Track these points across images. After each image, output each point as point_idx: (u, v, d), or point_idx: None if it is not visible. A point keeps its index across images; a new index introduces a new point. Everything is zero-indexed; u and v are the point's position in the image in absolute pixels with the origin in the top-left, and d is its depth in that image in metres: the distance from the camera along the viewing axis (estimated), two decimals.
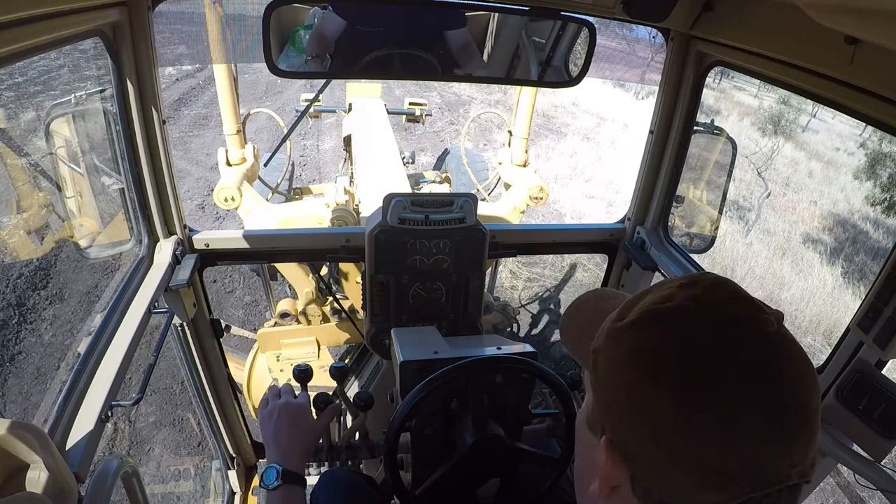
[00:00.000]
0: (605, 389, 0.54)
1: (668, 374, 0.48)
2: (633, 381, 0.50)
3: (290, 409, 1.15)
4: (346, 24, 1.40)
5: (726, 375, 0.47)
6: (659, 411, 0.48)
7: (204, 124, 10.83)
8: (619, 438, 0.52)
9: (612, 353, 0.54)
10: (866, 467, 1.10)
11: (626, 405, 0.51)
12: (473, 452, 1.12)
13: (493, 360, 1.17)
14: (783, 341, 0.49)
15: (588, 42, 1.44)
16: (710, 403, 0.46)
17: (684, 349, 0.49)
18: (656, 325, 0.51)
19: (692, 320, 0.50)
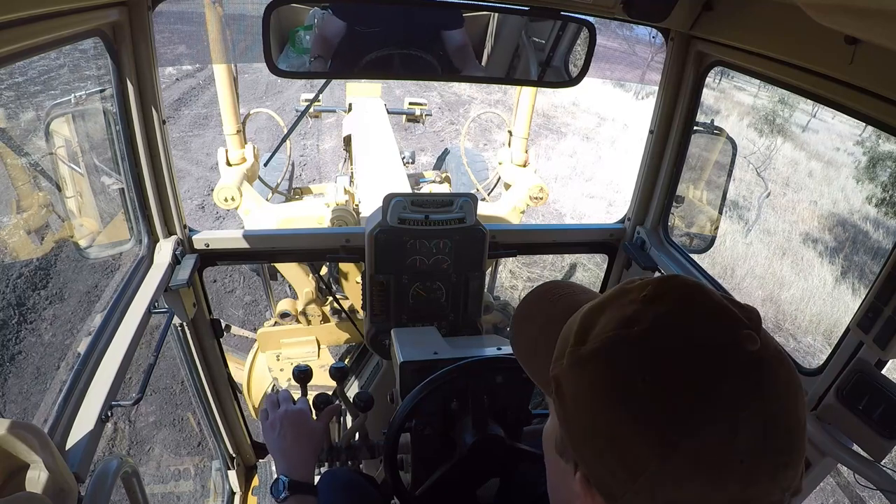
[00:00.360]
0: (575, 425, 0.49)
1: (646, 417, 0.44)
2: (606, 420, 0.46)
3: (290, 418, 1.14)
4: (347, 25, 1.40)
5: (710, 412, 0.43)
6: (637, 456, 0.44)
7: (204, 124, 10.83)
8: (595, 477, 0.48)
9: (577, 383, 0.49)
10: (866, 467, 1.10)
11: (599, 445, 0.47)
12: (473, 453, 1.12)
13: (493, 360, 1.17)
14: (766, 355, 0.45)
15: (588, 42, 1.44)
16: (695, 448, 0.43)
17: (661, 386, 0.44)
18: (625, 357, 0.46)
19: (666, 351, 0.45)
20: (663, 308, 0.47)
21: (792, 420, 0.45)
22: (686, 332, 0.46)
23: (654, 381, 0.44)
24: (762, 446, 0.43)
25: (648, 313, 0.47)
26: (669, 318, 0.47)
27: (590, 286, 0.77)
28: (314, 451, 1.14)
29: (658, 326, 0.46)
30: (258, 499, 2.33)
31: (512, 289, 5.99)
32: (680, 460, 0.43)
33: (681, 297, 0.48)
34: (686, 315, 0.47)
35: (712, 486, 0.43)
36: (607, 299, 0.52)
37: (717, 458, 0.43)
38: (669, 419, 0.43)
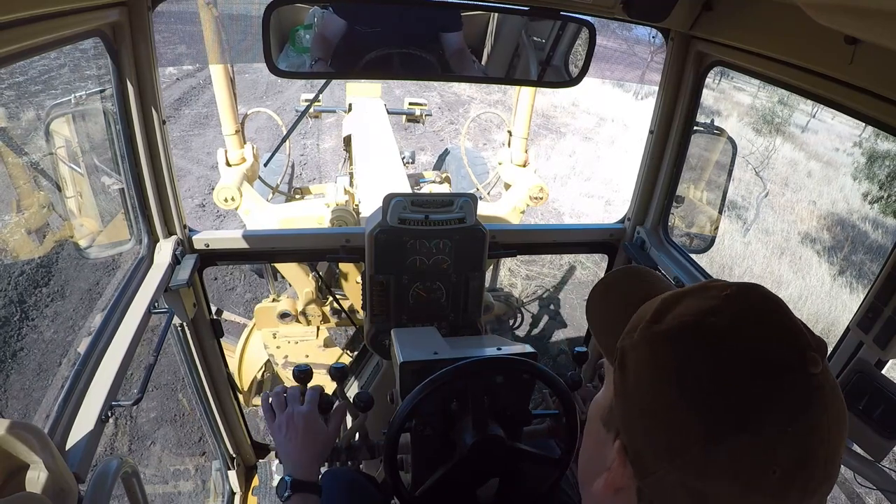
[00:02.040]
0: (632, 396, 0.51)
1: (702, 406, 0.45)
2: (663, 398, 0.48)
3: (296, 420, 1.13)
4: (346, 25, 1.40)
5: (762, 418, 0.44)
6: (683, 440, 0.46)
7: (204, 123, 10.83)
8: (634, 449, 0.50)
9: (645, 359, 0.51)
10: (866, 467, 1.10)
11: (649, 421, 0.49)
12: (473, 453, 1.12)
13: (493, 360, 1.17)
14: (824, 384, 0.46)
15: (588, 42, 1.44)
16: (736, 446, 0.44)
17: (722, 379, 0.45)
18: (699, 345, 0.48)
19: (735, 348, 0.47)
20: (743, 308, 0.49)
21: (831, 451, 0.45)
22: (758, 336, 0.47)
23: (717, 374, 0.46)
24: (799, 467, 0.44)
25: (727, 310, 0.49)
26: (746, 320, 0.48)
27: (589, 285, 0.78)
28: (320, 452, 1.14)
29: (734, 324, 0.48)
30: (258, 499, 2.32)
31: (511, 286, 5.99)
32: (720, 454, 0.44)
33: (761, 305, 0.49)
34: (762, 322, 0.48)
35: (740, 490, 0.44)
36: (689, 289, 0.54)
37: (754, 464, 0.44)
38: (722, 413, 0.44)
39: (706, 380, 0.46)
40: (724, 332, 0.48)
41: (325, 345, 2.89)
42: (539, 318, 5.59)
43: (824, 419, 0.45)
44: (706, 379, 0.46)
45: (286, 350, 2.86)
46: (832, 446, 0.46)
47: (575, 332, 5.33)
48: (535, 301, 5.86)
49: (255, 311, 2.80)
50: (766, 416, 0.44)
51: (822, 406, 0.45)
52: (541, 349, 5.02)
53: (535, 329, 5.42)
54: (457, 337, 1.79)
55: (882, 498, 1.08)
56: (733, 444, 0.44)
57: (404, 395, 1.20)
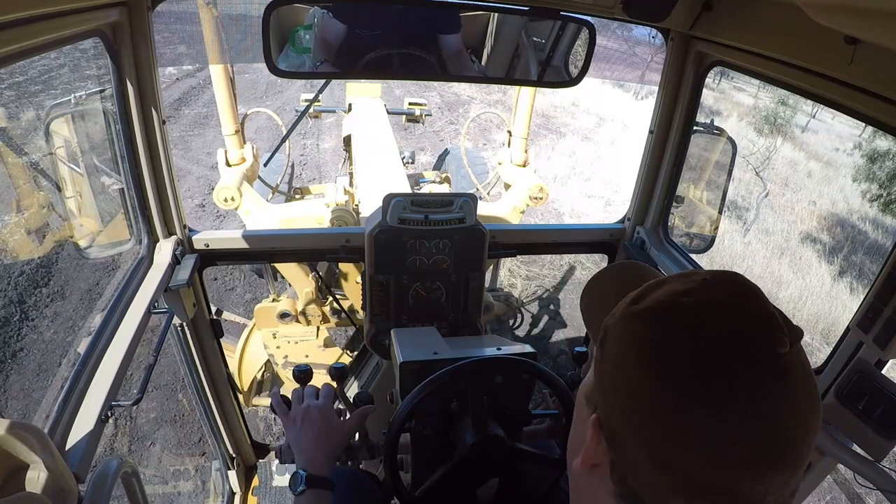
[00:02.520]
0: (607, 370, 0.53)
1: (671, 379, 0.47)
2: (635, 373, 0.50)
3: (312, 414, 1.13)
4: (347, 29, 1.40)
5: (729, 395, 0.45)
6: (652, 410, 0.48)
7: (205, 123, 10.83)
8: (607, 421, 0.52)
9: (621, 335, 0.53)
10: (866, 467, 1.10)
11: (622, 392, 0.51)
12: (473, 453, 1.12)
13: (493, 360, 1.17)
14: (795, 366, 0.47)
15: (588, 42, 1.44)
16: (700, 417, 0.45)
17: (694, 357, 0.47)
18: (668, 320, 0.50)
19: (705, 327, 0.48)
20: (717, 293, 0.51)
21: (800, 432, 0.47)
22: (730, 317, 0.49)
23: (687, 350, 0.48)
24: (762, 444, 0.45)
25: (702, 293, 0.51)
26: (719, 302, 0.50)
27: None
28: (334, 449, 1.13)
29: (706, 305, 0.50)
30: (258, 499, 2.33)
31: (511, 287, 5.99)
32: (688, 427, 0.46)
33: (735, 290, 0.51)
34: (734, 305, 0.50)
35: (708, 462, 0.45)
36: (672, 276, 0.57)
37: (721, 438, 0.45)
38: (690, 387, 0.46)
39: (676, 355, 0.48)
40: (696, 311, 0.50)
41: (324, 345, 2.89)
42: (539, 318, 5.59)
43: (792, 399, 0.46)
44: (676, 355, 0.48)
45: (286, 350, 2.86)
46: (802, 427, 0.47)
47: (575, 332, 5.33)
48: (535, 301, 5.86)
49: (255, 311, 2.80)
50: (733, 391, 0.45)
51: (791, 387, 0.46)
52: (541, 349, 5.02)
53: (535, 329, 5.42)
54: (457, 337, 1.79)
55: (882, 498, 1.08)
56: (700, 417, 0.45)
57: (404, 395, 1.20)
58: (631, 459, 0.50)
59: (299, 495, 1.03)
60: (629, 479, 0.50)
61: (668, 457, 0.46)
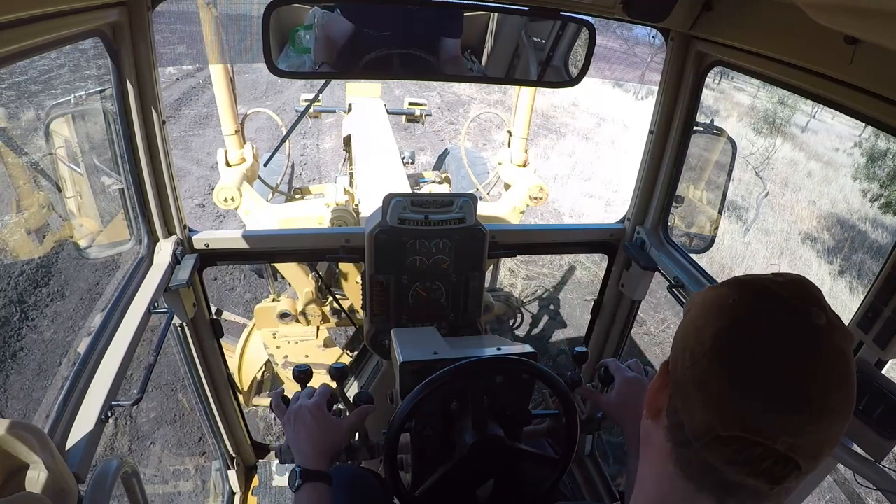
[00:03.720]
0: (684, 323, 0.62)
1: (726, 319, 0.57)
2: (699, 322, 0.59)
3: (303, 413, 1.14)
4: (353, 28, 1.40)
5: (769, 340, 0.54)
6: (703, 341, 0.57)
7: (205, 123, 10.83)
8: (672, 359, 0.61)
9: (699, 300, 0.62)
10: (866, 467, 1.10)
11: (686, 332, 0.60)
12: (473, 453, 1.12)
13: (493, 360, 1.17)
14: (833, 337, 0.54)
15: (588, 42, 1.44)
16: (741, 365, 0.54)
17: (747, 309, 0.56)
18: (734, 285, 0.60)
19: (775, 303, 0.56)
20: (791, 284, 0.58)
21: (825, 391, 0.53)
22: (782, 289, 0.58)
23: (744, 302, 0.58)
24: (793, 385, 0.52)
25: (778, 279, 0.59)
26: (791, 294, 0.57)
27: (588, 284, 0.80)
28: (329, 446, 1.14)
29: (781, 286, 0.58)
30: (258, 499, 2.33)
31: (511, 287, 5.98)
32: (726, 369, 0.54)
33: (807, 287, 0.59)
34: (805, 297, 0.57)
35: (741, 399, 0.53)
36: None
37: (752, 366, 0.53)
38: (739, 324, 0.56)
39: (732, 305, 0.58)
40: (769, 287, 0.58)
41: (325, 345, 2.89)
42: (539, 318, 5.59)
43: (827, 363, 0.53)
44: (733, 305, 0.58)
45: (286, 350, 2.86)
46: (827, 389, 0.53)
47: (575, 332, 5.33)
48: (535, 301, 5.86)
49: (255, 311, 2.80)
50: (770, 337, 0.54)
51: (826, 351, 0.53)
52: (541, 349, 5.01)
53: (535, 329, 5.41)
54: (457, 337, 1.79)
55: (882, 498, 1.08)
56: (737, 363, 0.54)
57: (404, 395, 1.20)
58: (681, 392, 0.58)
59: (297, 491, 1.05)
60: (679, 412, 0.58)
61: (709, 391, 0.55)
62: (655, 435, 0.63)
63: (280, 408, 1.19)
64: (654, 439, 0.63)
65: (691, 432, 0.57)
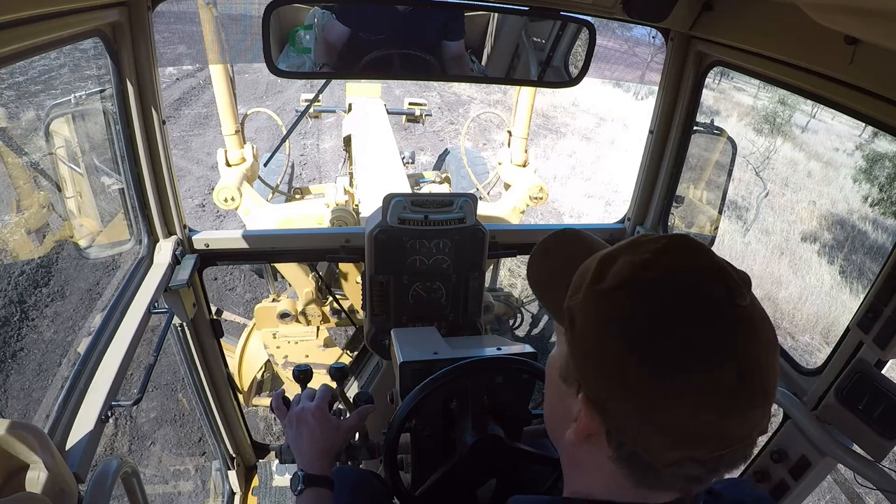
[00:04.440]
0: (583, 349, 0.56)
1: (647, 350, 0.51)
2: (611, 349, 0.53)
3: (305, 416, 1.14)
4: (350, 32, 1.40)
5: (699, 353, 0.50)
6: (633, 379, 0.51)
7: (205, 123, 10.83)
8: (595, 396, 0.55)
9: (591, 315, 0.56)
10: (866, 467, 1.10)
11: (604, 369, 0.54)
12: (473, 453, 1.12)
13: (493, 360, 1.17)
14: (753, 313, 0.52)
15: (588, 42, 1.44)
16: (687, 380, 0.50)
17: (661, 325, 0.51)
18: (635, 296, 0.53)
19: (670, 295, 0.52)
20: (673, 260, 0.55)
21: (767, 370, 0.52)
22: (690, 281, 0.53)
23: (656, 319, 0.52)
24: (739, 388, 0.50)
25: (660, 263, 0.54)
26: (676, 268, 0.54)
27: None
28: (331, 448, 1.13)
29: (666, 274, 0.54)
30: (258, 499, 2.33)
31: (511, 287, 5.98)
32: (670, 389, 0.50)
33: (688, 252, 0.56)
34: (691, 269, 0.54)
35: (694, 415, 0.50)
36: (622, 248, 0.59)
37: (700, 391, 0.50)
38: (666, 355, 0.50)
39: (647, 326, 0.52)
40: (659, 283, 0.53)
41: (325, 345, 2.89)
42: (539, 318, 5.59)
43: (758, 344, 0.51)
44: (647, 325, 0.52)
45: (286, 350, 2.86)
46: (769, 363, 0.52)
47: None
48: (535, 301, 5.86)
49: (255, 311, 2.80)
50: (705, 347, 0.50)
51: (753, 332, 0.52)
52: (541, 349, 5.00)
53: (535, 329, 5.41)
54: (457, 337, 1.79)
55: (882, 498, 1.08)
56: (679, 377, 0.50)
57: (404, 395, 1.20)
58: (623, 426, 0.53)
59: (299, 495, 1.04)
60: (626, 443, 0.54)
61: (657, 418, 0.51)
62: (593, 458, 0.59)
63: (281, 409, 1.19)
64: (593, 462, 0.59)
65: (654, 461, 0.53)
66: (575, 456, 0.63)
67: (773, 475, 1.34)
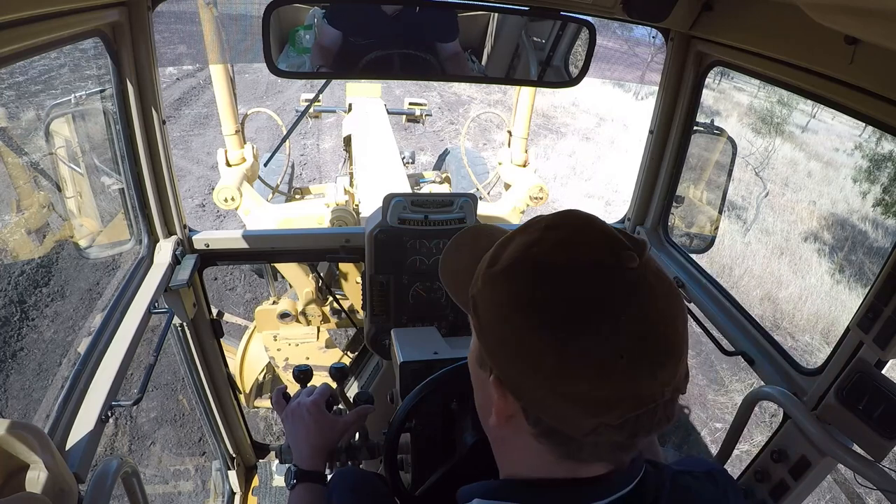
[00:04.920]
0: (488, 333, 0.57)
1: (543, 322, 0.52)
2: (511, 327, 0.54)
3: (301, 411, 1.14)
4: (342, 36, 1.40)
5: (597, 319, 0.51)
6: (537, 354, 0.52)
7: (205, 123, 10.83)
8: (505, 376, 0.56)
9: (489, 298, 0.57)
10: (866, 467, 1.10)
11: (508, 348, 0.55)
12: (473, 453, 1.12)
13: None
14: (646, 275, 0.53)
15: (588, 42, 1.44)
16: (582, 345, 0.50)
17: (554, 296, 0.52)
18: (527, 273, 0.54)
19: (559, 267, 0.53)
20: (560, 234, 0.56)
21: (668, 327, 0.52)
22: (577, 252, 0.54)
23: (549, 292, 0.52)
24: (640, 347, 0.51)
25: (548, 238, 0.56)
26: (564, 242, 0.55)
27: None
28: (325, 444, 1.13)
29: (554, 248, 0.55)
30: (258, 499, 2.33)
31: None
32: (571, 357, 0.51)
33: (575, 225, 0.56)
34: (579, 239, 0.55)
35: (600, 380, 0.51)
36: (516, 231, 0.60)
37: (601, 356, 0.50)
38: (561, 323, 0.51)
39: (542, 300, 0.52)
40: (547, 256, 0.54)
41: (325, 346, 2.89)
42: None
43: (653, 301, 0.52)
44: (541, 300, 0.52)
45: (287, 352, 2.86)
46: (669, 320, 0.52)
47: None
48: None
49: (256, 313, 2.80)
50: (600, 314, 0.51)
51: (647, 291, 0.52)
52: None
53: None
54: (457, 337, 1.79)
55: (882, 498, 1.08)
56: (580, 346, 0.50)
57: (404, 395, 1.20)
58: (538, 402, 0.54)
59: (292, 489, 1.05)
60: (543, 418, 0.55)
61: (567, 389, 0.51)
62: (517, 437, 0.60)
63: (280, 404, 1.20)
64: (518, 441, 0.60)
65: (572, 432, 0.54)
66: (501, 439, 0.64)
67: (773, 475, 1.34)
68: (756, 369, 1.43)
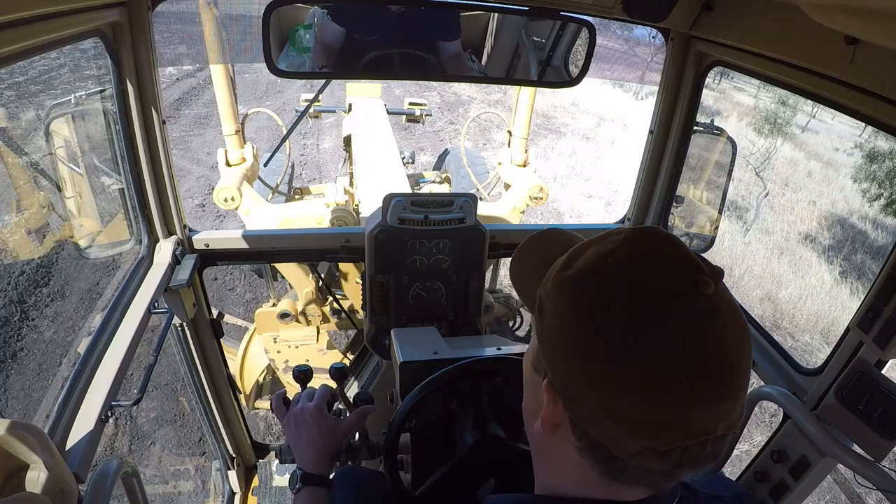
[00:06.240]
0: (549, 336, 0.56)
1: (607, 334, 0.51)
2: (574, 334, 0.53)
3: (304, 416, 1.14)
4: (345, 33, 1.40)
5: (661, 340, 0.49)
6: (595, 365, 0.51)
7: (205, 123, 10.83)
8: (559, 382, 0.55)
9: (555, 302, 0.56)
10: (866, 467, 1.10)
11: (566, 354, 0.54)
12: (473, 453, 1.12)
13: (493, 360, 1.17)
14: (720, 304, 0.51)
15: (588, 42, 1.44)
16: (643, 366, 0.49)
17: (623, 311, 0.51)
18: (597, 282, 0.53)
19: (630, 282, 0.52)
20: (638, 249, 0.54)
21: (732, 362, 0.51)
22: (652, 269, 0.52)
23: (618, 306, 0.51)
24: (701, 377, 0.49)
25: (624, 250, 0.54)
26: (640, 257, 0.54)
27: None
28: (329, 448, 1.13)
29: (629, 262, 0.53)
30: (258, 499, 2.33)
31: (510, 287, 5.98)
32: (629, 374, 0.49)
33: (655, 242, 0.55)
34: (656, 257, 0.53)
35: (653, 403, 0.49)
36: (594, 239, 0.60)
37: (659, 379, 0.49)
38: (623, 340, 0.50)
39: (609, 313, 0.51)
40: (620, 269, 0.53)
41: (325, 348, 2.89)
42: None
43: (721, 332, 0.50)
44: (609, 312, 0.51)
45: (287, 354, 2.86)
46: (734, 354, 0.51)
47: None
48: None
49: (255, 315, 2.80)
50: (667, 336, 0.49)
51: (719, 324, 0.50)
52: None
53: None
54: (457, 337, 1.79)
55: (882, 498, 1.08)
56: (640, 365, 0.49)
57: (404, 395, 1.20)
58: (586, 414, 0.53)
59: (297, 493, 1.05)
60: (589, 432, 0.53)
61: (620, 406, 0.50)
62: (561, 449, 0.58)
63: (281, 409, 1.19)
64: (561, 453, 0.59)
65: (617, 451, 0.53)
66: (544, 447, 0.63)
67: (773, 475, 1.34)
68: (756, 369, 1.43)
